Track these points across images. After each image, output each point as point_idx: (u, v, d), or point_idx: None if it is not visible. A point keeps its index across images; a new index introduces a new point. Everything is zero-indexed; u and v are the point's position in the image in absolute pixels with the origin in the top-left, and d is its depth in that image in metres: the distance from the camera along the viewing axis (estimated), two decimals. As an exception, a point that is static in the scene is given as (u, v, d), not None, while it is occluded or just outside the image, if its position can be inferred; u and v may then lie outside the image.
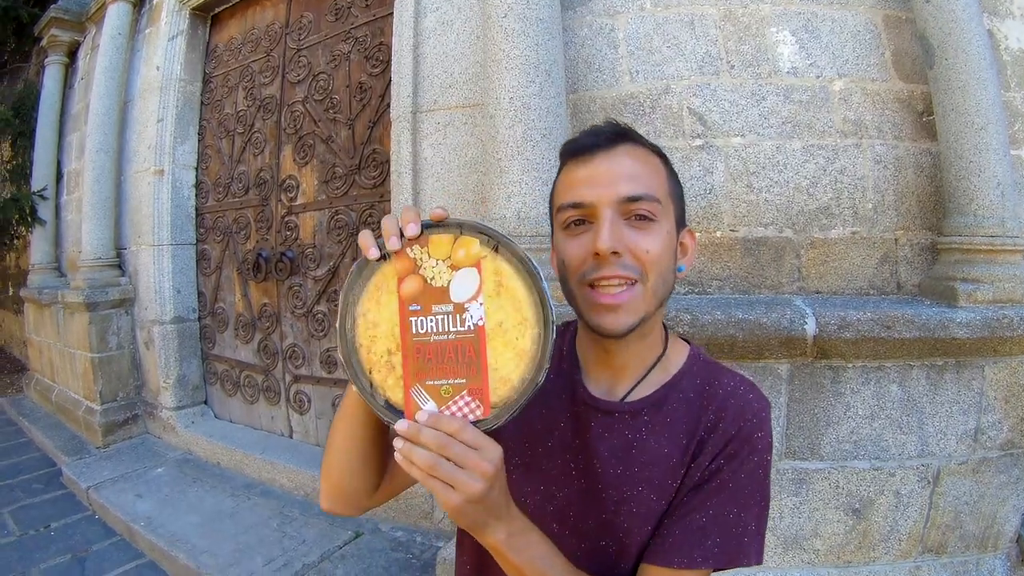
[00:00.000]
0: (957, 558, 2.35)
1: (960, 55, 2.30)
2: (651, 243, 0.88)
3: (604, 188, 0.88)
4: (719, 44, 2.52)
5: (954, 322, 2.12)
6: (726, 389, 0.96)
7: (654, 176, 0.92)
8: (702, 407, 0.95)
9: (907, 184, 2.49)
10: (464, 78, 2.73)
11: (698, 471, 0.91)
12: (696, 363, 1.01)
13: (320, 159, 3.68)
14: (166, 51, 4.37)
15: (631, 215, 0.88)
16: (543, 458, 1.00)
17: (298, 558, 2.87)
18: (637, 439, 0.95)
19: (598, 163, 0.90)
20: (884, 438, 2.23)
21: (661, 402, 0.96)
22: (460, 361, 0.77)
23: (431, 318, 0.77)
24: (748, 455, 0.91)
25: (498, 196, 2.36)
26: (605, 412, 0.97)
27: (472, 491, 0.73)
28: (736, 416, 0.93)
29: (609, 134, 0.92)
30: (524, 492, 0.99)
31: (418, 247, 0.77)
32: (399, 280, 0.77)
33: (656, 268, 0.89)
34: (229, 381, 4.39)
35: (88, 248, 4.61)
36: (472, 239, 0.77)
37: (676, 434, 0.94)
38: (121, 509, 3.44)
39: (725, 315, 2.13)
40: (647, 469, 0.93)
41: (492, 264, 0.77)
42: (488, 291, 0.77)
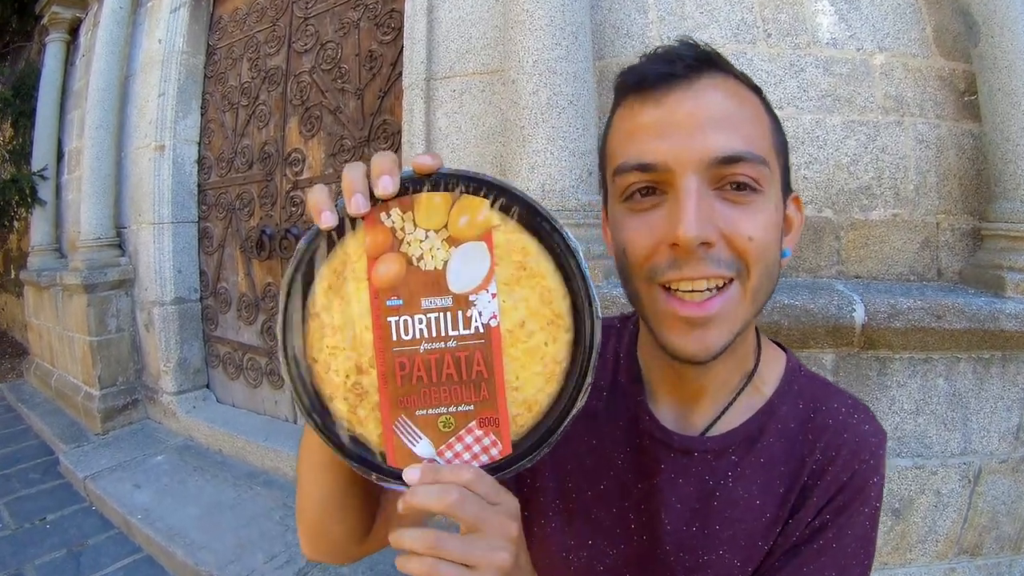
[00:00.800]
0: (991, 560, 2.26)
1: (1006, 33, 2.17)
2: (755, 225, 0.61)
3: (685, 142, 0.61)
4: (755, 11, 2.38)
5: (1003, 313, 2.00)
6: (837, 418, 0.73)
7: (756, 123, 0.64)
8: (807, 442, 0.72)
9: (949, 166, 2.37)
10: (482, 43, 2.60)
11: (797, 528, 0.70)
12: (796, 380, 0.76)
13: (327, 131, 3.56)
14: (168, 23, 4.25)
15: (725, 183, 0.62)
16: (593, 504, 0.76)
17: (301, 554, 2.72)
18: (721, 487, 0.72)
19: (675, 102, 0.62)
20: (928, 435, 2.11)
21: (754, 437, 0.72)
22: (465, 380, 0.56)
23: (420, 317, 0.55)
24: (859, 507, 0.69)
25: (520, 167, 2.23)
26: (680, 451, 0.73)
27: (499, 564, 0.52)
28: (851, 457, 0.70)
29: (690, 59, 0.63)
30: (567, 546, 0.76)
31: (398, 211, 0.54)
32: (370, 261, 0.54)
33: (760, 260, 0.62)
34: (232, 364, 4.29)
35: (87, 227, 4.51)
36: (480, 200, 0.54)
37: (772, 479, 0.71)
38: (118, 500, 3.37)
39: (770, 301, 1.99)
40: (732, 527, 0.71)
41: (509, 236, 0.55)
42: (504, 276, 0.55)
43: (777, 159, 0.66)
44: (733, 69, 0.67)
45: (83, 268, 4.38)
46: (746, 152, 0.60)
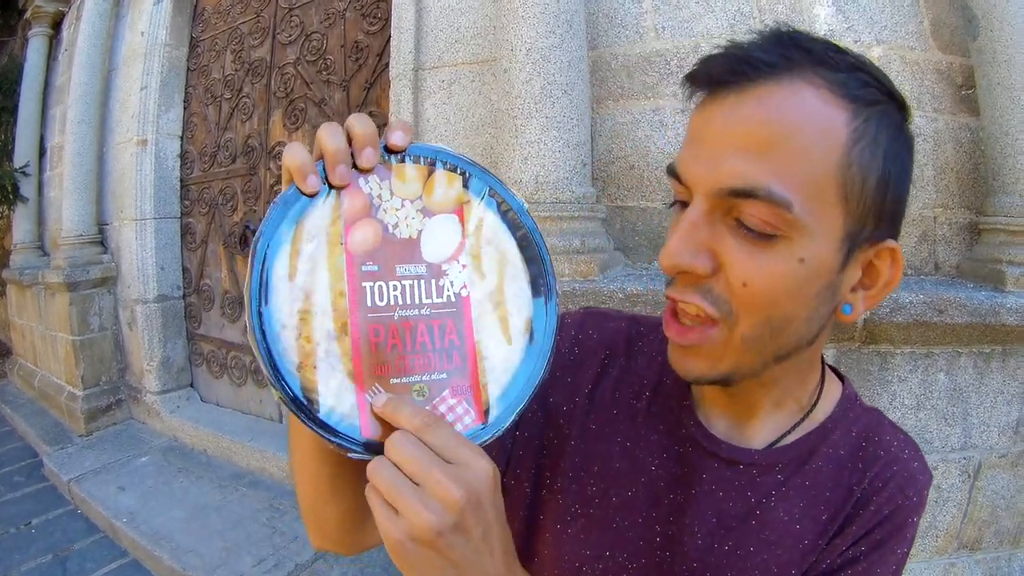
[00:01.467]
0: (991, 554, 2.27)
1: (1006, 27, 2.16)
2: (756, 271, 0.53)
3: (706, 160, 0.54)
4: (752, 2, 2.36)
5: (1004, 307, 1.98)
6: (889, 451, 0.68)
7: (808, 151, 0.52)
8: (856, 471, 0.67)
9: (946, 160, 2.36)
10: (472, 32, 2.56)
11: (830, 555, 0.65)
12: (852, 408, 0.71)
13: (312, 123, 3.53)
14: (151, 15, 4.19)
15: (734, 215, 0.54)
16: (618, 512, 0.70)
17: (290, 557, 2.73)
18: (763, 506, 0.67)
19: (716, 110, 0.55)
20: (929, 429, 2.11)
21: (804, 458, 0.68)
22: (439, 348, 0.54)
23: (394, 283, 0.53)
24: (895, 546, 0.65)
25: (513, 158, 2.20)
26: (727, 461, 0.68)
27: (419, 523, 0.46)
28: (897, 491, 0.66)
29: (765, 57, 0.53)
30: (582, 556, 0.70)
31: (375, 178, 0.53)
32: (347, 226, 0.52)
33: (758, 312, 0.55)
34: (215, 362, 4.24)
35: (69, 224, 4.45)
36: (454, 175, 0.55)
37: (816, 505, 0.66)
38: (103, 503, 3.34)
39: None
40: (767, 550, 0.66)
41: (478, 212, 0.56)
42: (473, 249, 0.55)
43: (846, 202, 0.54)
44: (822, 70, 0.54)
45: (65, 266, 4.33)
46: (763, 188, 0.51)
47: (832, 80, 0.53)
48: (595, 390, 0.74)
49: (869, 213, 0.55)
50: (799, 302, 0.55)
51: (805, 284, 0.54)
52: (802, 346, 0.60)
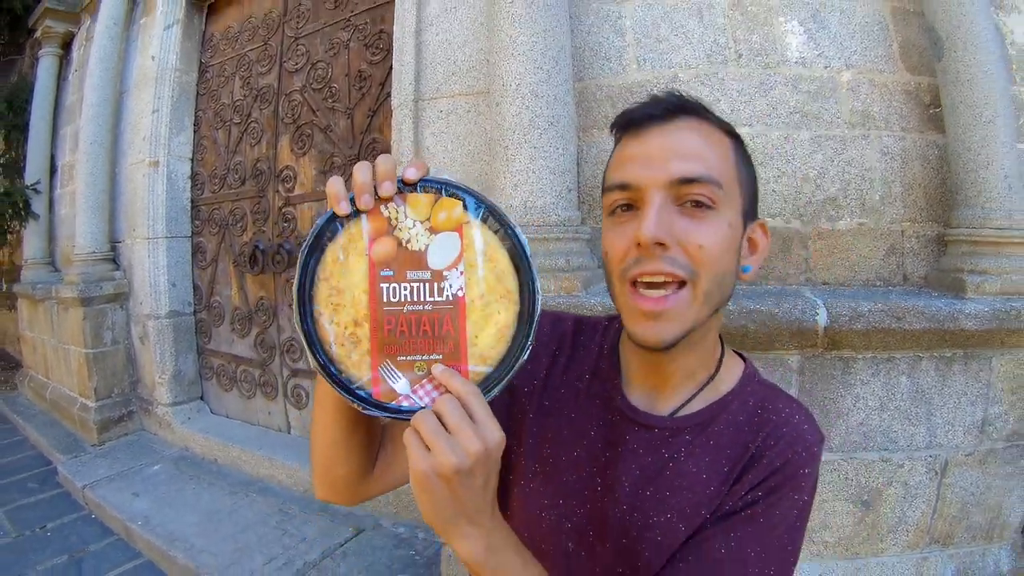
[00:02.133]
0: (963, 549, 2.36)
1: (969, 48, 2.29)
2: (706, 235, 0.75)
3: (655, 167, 0.76)
4: (727, 33, 2.50)
5: (963, 313, 2.11)
6: (780, 415, 0.84)
7: (718, 156, 0.78)
8: (751, 432, 0.84)
9: (914, 176, 2.49)
10: (468, 65, 2.71)
11: (731, 499, 0.80)
12: (751, 383, 0.89)
13: (318, 149, 3.66)
14: (162, 41, 4.33)
15: (685, 200, 0.76)
16: (566, 469, 0.89)
17: (299, 556, 2.84)
18: (674, 460, 0.84)
19: (651, 138, 0.78)
20: (893, 429, 2.22)
21: (707, 423, 0.85)
22: (436, 335, 0.70)
23: (405, 285, 0.69)
24: (789, 492, 0.79)
25: (504, 184, 2.34)
26: (643, 426, 0.86)
27: (446, 462, 0.63)
28: (786, 447, 0.81)
29: (669, 105, 0.79)
30: (541, 504, 0.89)
31: (394, 205, 0.69)
32: (370, 241, 0.69)
33: (710, 267, 0.75)
34: (225, 376, 4.36)
35: (82, 242, 4.58)
36: (455, 201, 0.70)
37: (718, 459, 0.83)
38: (118, 508, 3.43)
39: (737, 305, 2.10)
40: (679, 495, 0.82)
41: (475, 231, 0.71)
42: (470, 260, 0.70)
43: (739, 188, 0.81)
44: (710, 114, 0.82)
45: (79, 282, 4.44)
46: (702, 175, 0.75)
47: (712, 120, 0.81)
48: (548, 375, 0.94)
49: (748, 197, 0.83)
50: (730, 258, 0.78)
51: (731, 243, 0.78)
52: (725, 301, 0.82)
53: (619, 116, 0.83)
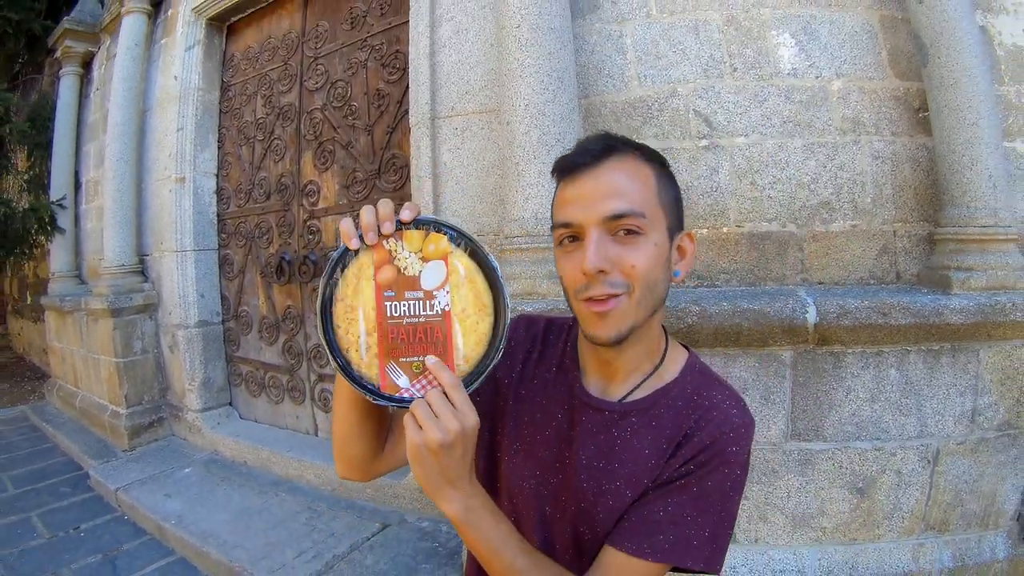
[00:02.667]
0: (959, 535, 2.41)
1: (952, 53, 2.37)
2: (637, 257, 0.91)
3: (590, 208, 0.91)
4: (722, 48, 2.63)
5: (948, 308, 2.21)
6: (712, 400, 0.99)
7: (641, 188, 0.93)
8: (687, 415, 0.99)
9: (904, 178, 2.59)
10: (480, 84, 2.84)
11: (667, 471, 0.96)
12: (691, 373, 1.05)
13: (340, 164, 3.79)
14: (183, 61, 4.48)
15: (617, 231, 0.91)
16: (540, 446, 1.06)
17: (328, 550, 2.97)
18: (621, 438, 1.00)
19: (584, 182, 0.93)
20: (884, 419, 2.32)
21: (650, 407, 1.01)
22: (429, 341, 0.87)
23: (404, 303, 0.86)
24: (718, 466, 0.94)
25: (516, 198, 2.48)
26: (596, 409, 1.03)
27: (432, 437, 0.81)
28: (715, 429, 0.95)
29: (595, 151, 0.94)
30: (522, 475, 1.07)
31: (393, 240, 0.86)
32: (376, 269, 0.86)
33: (643, 280, 0.91)
34: (254, 382, 4.51)
35: (111, 255, 4.73)
36: (441, 236, 0.87)
37: (659, 438, 0.98)
38: (151, 508, 3.55)
39: (731, 306, 2.24)
40: (626, 467, 0.98)
41: (458, 259, 0.88)
42: (454, 282, 0.87)
43: (662, 210, 0.95)
44: (633, 148, 0.97)
45: (108, 293, 4.60)
46: (628, 210, 0.90)
47: (638, 154, 0.96)
48: (523, 369, 1.13)
49: (674, 215, 0.98)
50: (658, 271, 0.93)
51: (659, 258, 0.93)
52: (659, 303, 0.98)
53: (556, 163, 0.99)
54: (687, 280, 2.61)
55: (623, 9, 2.72)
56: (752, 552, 2.40)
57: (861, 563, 2.37)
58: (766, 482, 2.37)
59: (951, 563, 2.38)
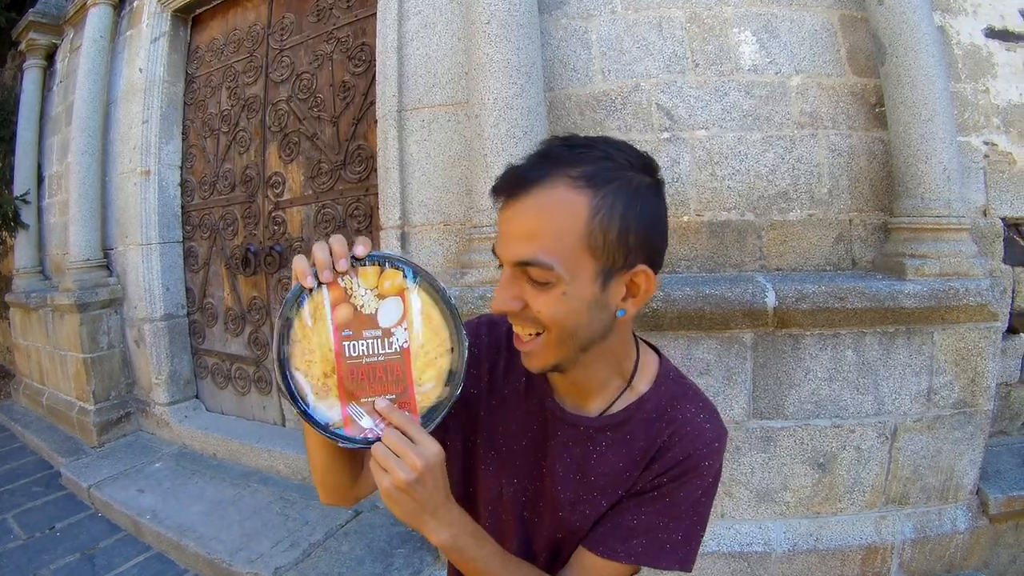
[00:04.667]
0: (920, 508, 2.51)
1: (909, 53, 2.46)
2: (544, 304, 0.83)
3: (504, 245, 0.85)
4: (685, 44, 2.69)
5: (902, 293, 2.31)
6: (685, 415, 0.97)
7: (558, 231, 0.80)
8: (660, 429, 0.97)
9: (860, 170, 2.68)
10: (447, 78, 2.87)
11: (641, 482, 0.96)
12: (664, 383, 1.01)
13: (305, 156, 3.80)
14: (149, 53, 4.44)
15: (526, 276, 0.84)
16: (516, 455, 1.05)
17: (304, 538, 3.01)
18: (597, 452, 0.99)
19: (506, 214, 0.84)
20: (842, 398, 2.41)
21: (625, 421, 0.99)
22: (389, 379, 0.86)
23: (362, 342, 0.84)
24: (692, 479, 0.94)
25: (484, 189, 2.50)
26: (571, 425, 1.01)
27: (398, 478, 0.80)
28: (688, 444, 0.94)
29: (523, 177, 0.82)
30: (500, 483, 1.06)
31: (348, 277, 0.84)
32: (332, 307, 0.84)
33: (556, 325, 0.84)
34: (220, 374, 4.50)
35: (76, 250, 4.67)
36: (396, 272, 0.85)
37: (632, 451, 0.97)
38: (125, 505, 3.56)
39: (694, 291, 2.32)
40: (602, 479, 0.98)
41: (414, 295, 0.86)
42: (411, 318, 0.86)
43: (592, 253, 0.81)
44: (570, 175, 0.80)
45: (74, 288, 4.54)
46: (534, 259, 0.80)
47: (577, 175, 0.80)
48: (491, 379, 1.09)
49: (615, 254, 0.82)
50: (575, 316, 0.84)
51: (574, 306, 0.83)
52: (595, 339, 0.89)
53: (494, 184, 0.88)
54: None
55: (588, 5, 2.77)
56: (719, 526, 2.48)
57: (825, 535, 2.46)
58: (730, 459, 2.45)
59: (913, 535, 2.48)
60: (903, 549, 2.47)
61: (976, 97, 2.78)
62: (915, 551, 2.49)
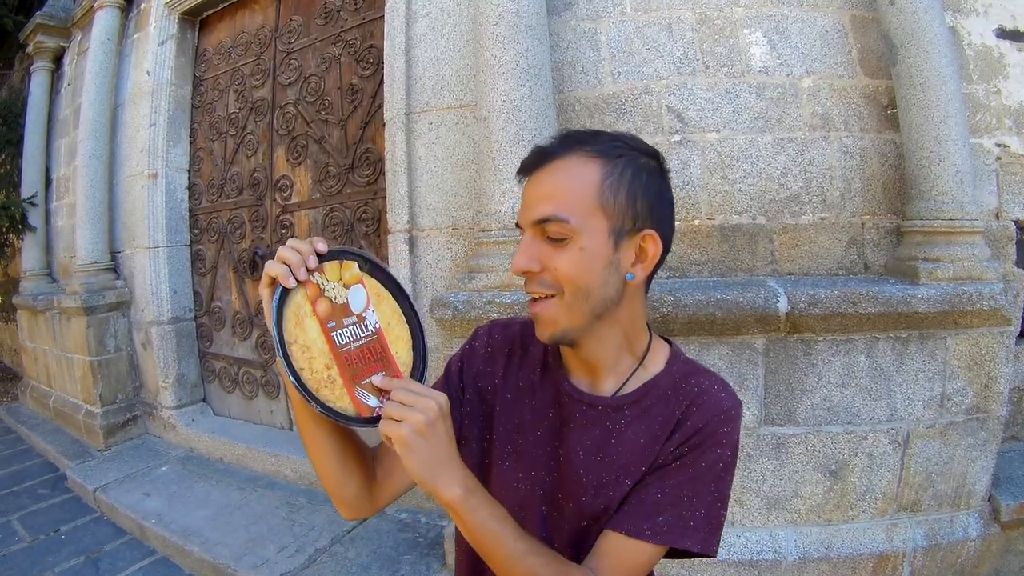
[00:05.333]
0: (932, 515, 2.48)
1: (921, 54, 2.43)
2: (561, 262, 0.90)
3: (526, 210, 0.93)
4: (695, 46, 2.67)
5: (916, 297, 2.27)
6: (700, 387, 1.00)
7: (574, 190, 0.90)
8: (677, 402, 0.99)
9: (872, 172, 2.66)
10: (455, 80, 2.87)
11: (663, 454, 0.97)
12: (676, 363, 1.05)
13: (313, 159, 3.79)
14: (156, 56, 4.45)
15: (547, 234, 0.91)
16: (532, 447, 1.06)
17: (309, 543, 2.99)
18: (616, 431, 1.00)
19: (531, 183, 0.95)
20: (855, 404, 2.38)
21: (641, 399, 1.01)
22: (376, 359, 0.92)
23: (346, 330, 0.90)
24: (711, 447, 0.95)
25: (493, 193, 2.51)
26: (589, 405, 1.03)
27: (416, 419, 0.82)
28: (705, 411, 0.97)
29: (541, 153, 0.94)
30: (516, 478, 1.06)
31: (318, 274, 0.89)
32: (312, 303, 0.88)
33: (571, 284, 0.90)
34: (227, 378, 4.49)
35: (83, 253, 4.69)
36: (351, 263, 0.92)
37: (652, 426, 0.99)
38: (130, 508, 3.55)
39: (705, 296, 2.29)
40: (624, 457, 0.99)
41: (369, 280, 0.93)
42: (374, 301, 0.93)
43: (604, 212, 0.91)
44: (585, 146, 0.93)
45: (82, 292, 4.56)
46: (552, 215, 0.89)
47: (591, 150, 0.92)
48: (506, 373, 1.13)
49: (625, 216, 0.92)
50: (591, 275, 0.91)
51: (590, 263, 0.91)
52: (609, 305, 0.95)
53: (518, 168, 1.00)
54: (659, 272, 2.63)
55: (598, 7, 2.75)
56: (729, 534, 2.44)
57: (836, 543, 2.42)
58: (741, 466, 2.41)
59: (924, 542, 2.44)
60: (914, 557, 2.44)
61: (988, 98, 2.76)
62: (926, 559, 2.45)
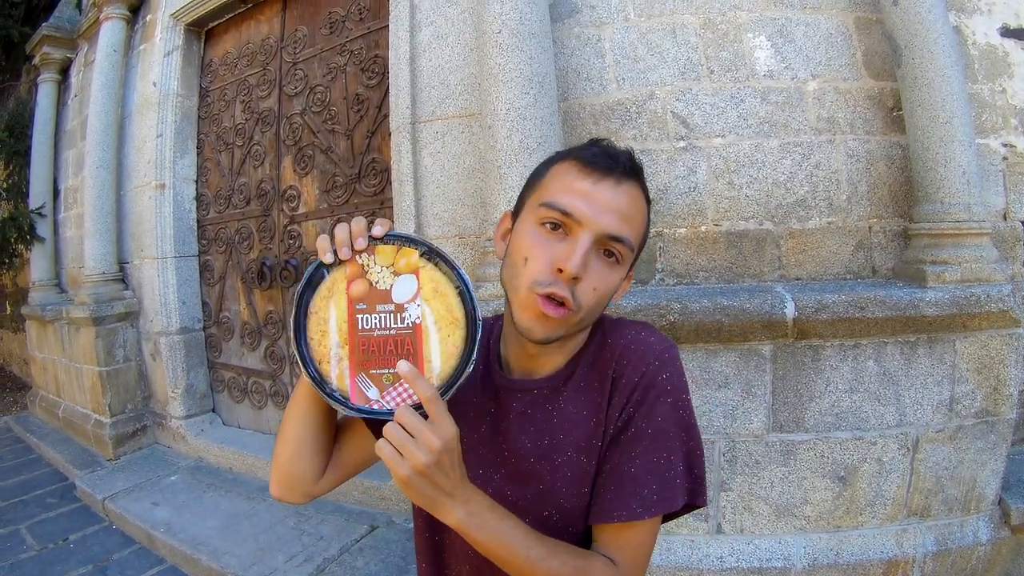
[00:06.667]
0: (942, 520, 2.46)
1: (925, 54, 2.42)
2: (604, 281, 0.92)
3: (598, 214, 0.90)
4: (699, 51, 2.67)
5: (923, 301, 2.26)
6: (627, 338, 1.00)
7: (638, 222, 0.95)
8: (607, 362, 0.99)
9: (879, 175, 2.64)
10: (460, 89, 2.86)
11: (610, 423, 0.96)
12: (600, 326, 1.05)
13: (320, 169, 3.80)
14: (162, 67, 4.47)
15: (603, 248, 0.91)
16: (479, 444, 1.05)
17: (318, 553, 2.99)
18: (556, 409, 1.00)
19: (604, 188, 0.91)
20: (864, 410, 2.37)
21: (572, 371, 1.02)
22: (399, 354, 0.87)
23: (375, 316, 0.87)
24: (657, 398, 0.94)
25: (499, 201, 2.51)
26: (524, 391, 1.03)
27: (417, 462, 0.78)
28: (639, 361, 0.97)
29: (627, 167, 0.94)
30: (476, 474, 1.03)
31: (366, 255, 0.88)
32: (348, 282, 0.88)
33: (592, 303, 0.92)
34: (236, 388, 4.50)
35: (91, 263, 4.70)
36: (412, 250, 0.89)
37: (590, 395, 0.99)
38: (139, 517, 3.55)
39: (712, 302, 2.29)
40: (571, 434, 0.98)
41: (428, 273, 0.89)
42: (425, 295, 0.89)
43: (636, 252, 0.97)
44: (644, 182, 0.98)
45: (90, 302, 4.57)
46: (626, 238, 0.92)
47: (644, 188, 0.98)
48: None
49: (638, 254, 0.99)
50: (606, 299, 0.95)
51: (610, 290, 0.94)
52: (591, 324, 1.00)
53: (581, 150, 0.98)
54: (666, 277, 2.67)
55: (601, 13, 2.75)
56: (738, 542, 2.44)
57: (846, 549, 2.41)
58: (749, 473, 2.41)
59: (935, 547, 2.42)
60: (924, 562, 2.42)
61: (993, 98, 2.74)
62: (936, 564, 2.43)
